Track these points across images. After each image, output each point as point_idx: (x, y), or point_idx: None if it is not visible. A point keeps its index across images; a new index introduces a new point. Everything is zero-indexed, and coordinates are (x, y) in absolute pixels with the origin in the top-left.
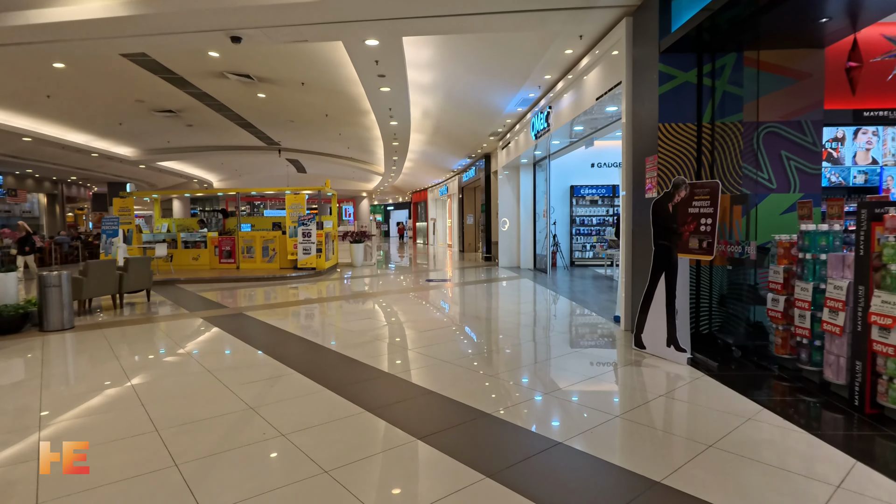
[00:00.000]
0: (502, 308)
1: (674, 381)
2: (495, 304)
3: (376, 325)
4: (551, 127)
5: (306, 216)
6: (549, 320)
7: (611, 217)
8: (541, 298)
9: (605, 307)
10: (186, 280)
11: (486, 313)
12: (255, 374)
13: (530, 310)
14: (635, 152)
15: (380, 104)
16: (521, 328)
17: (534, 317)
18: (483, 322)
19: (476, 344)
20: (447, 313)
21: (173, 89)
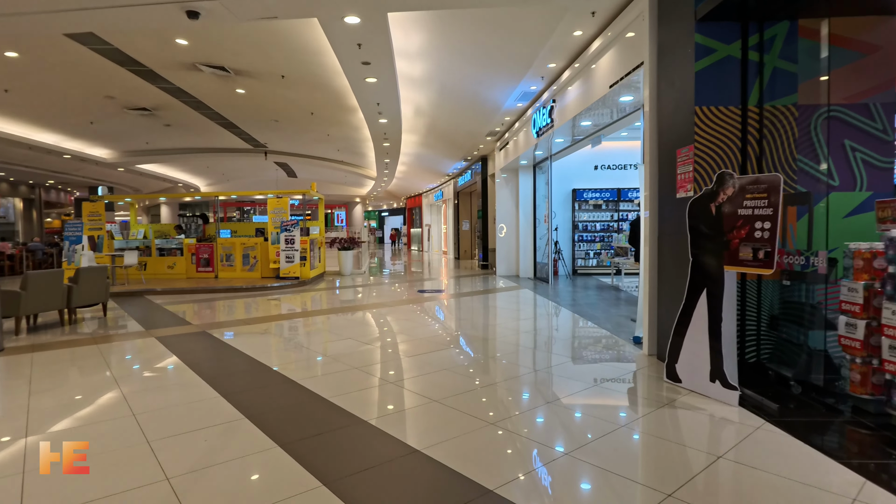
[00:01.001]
0: (502, 325)
1: (728, 432)
2: (494, 320)
3: (356, 349)
4: (555, 123)
5: (289, 222)
6: (556, 342)
7: (615, 223)
8: (545, 313)
9: (620, 324)
10: (157, 291)
11: (484, 331)
12: (194, 421)
13: (534, 327)
14: (662, 144)
15: (367, 98)
16: (524, 352)
17: (539, 337)
18: (480, 343)
19: (472, 374)
20: (439, 333)
21: (144, 84)
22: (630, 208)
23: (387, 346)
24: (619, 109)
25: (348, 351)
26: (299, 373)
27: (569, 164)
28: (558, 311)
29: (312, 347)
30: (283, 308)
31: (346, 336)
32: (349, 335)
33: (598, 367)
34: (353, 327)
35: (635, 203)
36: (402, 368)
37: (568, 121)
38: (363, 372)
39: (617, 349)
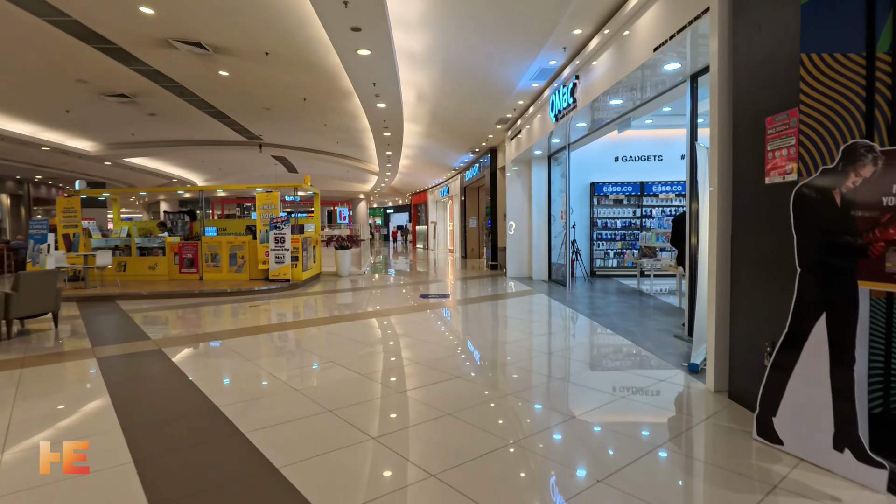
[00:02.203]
0: (517, 344)
1: None
2: (506, 335)
3: (334, 381)
4: (578, 103)
5: (279, 218)
6: (587, 370)
7: (638, 219)
8: (566, 326)
9: (663, 343)
10: (131, 295)
11: (495, 354)
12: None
13: (556, 347)
14: (740, 113)
15: (361, 78)
16: (548, 388)
17: (564, 363)
18: (491, 371)
19: (484, 428)
20: (441, 355)
21: (116, 65)
22: (654, 203)
23: (376, 375)
24: (660, 82)
25: (328, 384)
26: (256, 421)
27: (587, 156)
28: (582, 323)
29: (282, 378)
30: (264, 318)
31: (329, 359)
32: (333, 357)
33: (648, 412)
34: (338, 346)
35: (661, 198)
36: (394, 418)
37: (594, 100)
38: (338, 420)
39: (668, 381)
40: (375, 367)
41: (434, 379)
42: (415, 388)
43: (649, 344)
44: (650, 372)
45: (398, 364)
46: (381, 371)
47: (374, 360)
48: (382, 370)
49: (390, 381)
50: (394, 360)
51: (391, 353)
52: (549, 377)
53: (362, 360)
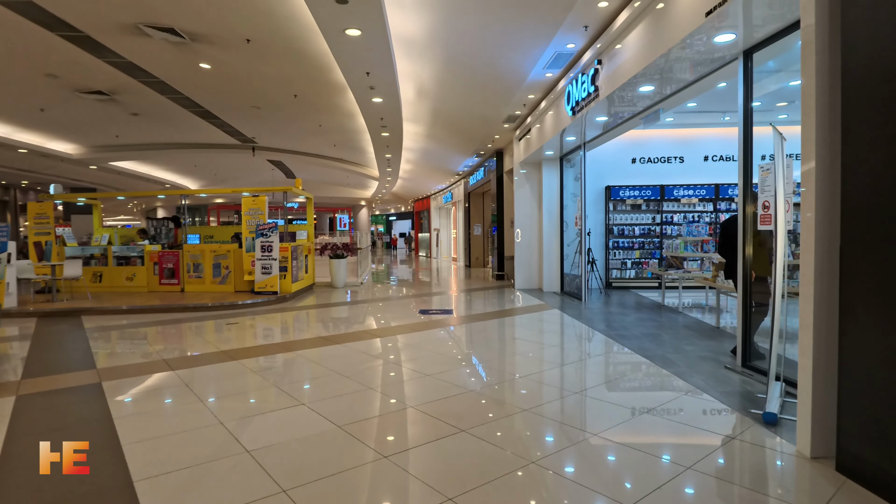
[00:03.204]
0: (533, 380)
1: None
2: (520, 366)
3: (300, 436)
4: (601, 92)
5: (266, 225)
6: (630, 416)
7: (658, 226)
8: (591, 351)
9: (712, 376)
10: (100, 310)
11: (506, 394)
12: None
13: (583, 384)
14: (854, 75)
15: (353, 66)
16: (582, 451)
17: (598, 409)
18: (504, 424)
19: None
20: (439, 394)
21: (87, 57)
22: (676, 208)
23: (356, 426)
24: (703, 62)
25: (291, 442)
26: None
27: (602, 157)
28: (609, 349)
29: (233, 430)
30: (237, 339)
31: (299, 399)
32: (305, 396)
33: (731, 499)
34: (313, 381)
35: (682, 203)
36: (386, 491)
37: (620, 87)
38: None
39: (741, 438)
40: (354, 414)
41: (431, 434)
42: (403, 449)
43: (698, 379)
44: (714, 422)
45: (384, 408)
46: (362, 420)
47: (354, 402)
48: (363, 418)
49: (371, 435)
50: (379, 404)
51: (376, 393)
52: (580, 432)
53: (339, 404)
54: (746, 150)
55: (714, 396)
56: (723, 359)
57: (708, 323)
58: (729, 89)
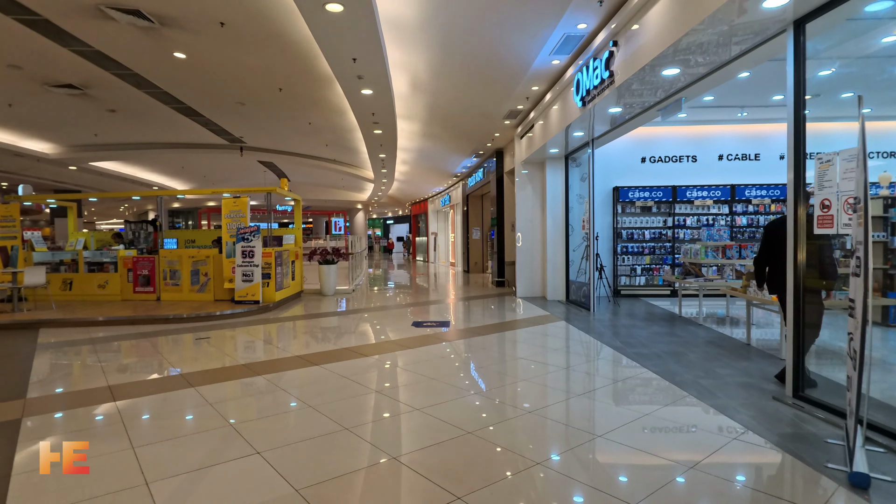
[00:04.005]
0: (547, 416)
1: None
2: (529, 396)
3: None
4: (616, 77)
5: (247, 229)
6: (672, 476)
7: (669, 229)
8: (608, 375)
9: (760, 409)
10: (62, 321)
11: (518, 438)
12: None
13: (605, 422)
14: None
15: (337, 49)
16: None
17: (630, 458)
18: (515, 481)
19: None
20: (436, 433)
21: (51, 45)
22: (689, 211)
23: (328, 493)
24: (743, 35)
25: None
26: None
27: (609, 156)
28: (630, 372)
29: (166, 501)
30: (202, 359)
31: (259, 446)
32: (267, 442)
33: None
34: (285, 417)
35: (696, 205)
36: None
37: (639, 70)
38: None
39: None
40: (320, 469)
41: (420, 497)
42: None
43: (746, 415)
44: (786, 486)
45: (360, 460)
46: (329, 479)
47: (323, 451)
48: (331, 476)
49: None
50: (354, 454)
51: (352, 437)
52: (611, 499)
53: (304, 453)
54: (798, 139)
55: (773, 442)
56: (767, 387)
57: (735, 339)
58: (751, 79)
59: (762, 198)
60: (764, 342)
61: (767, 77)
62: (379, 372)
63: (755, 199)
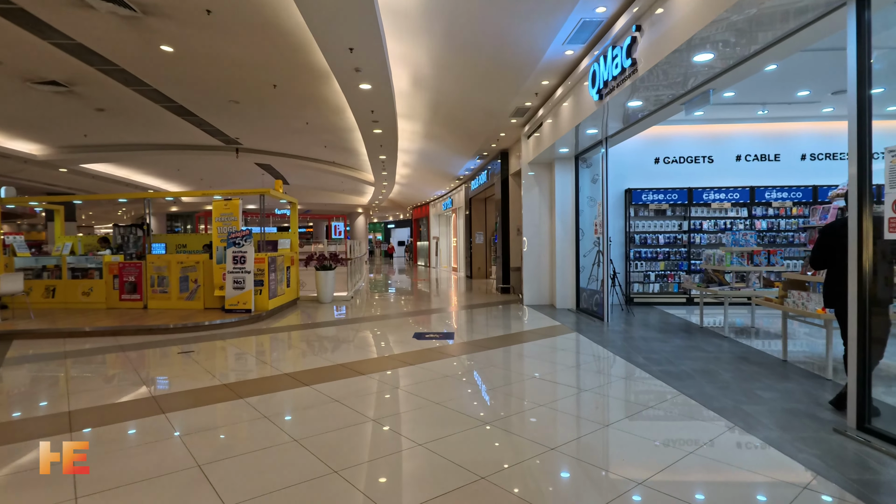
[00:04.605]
0: (569, 453)
1: None
2: (545, 426)
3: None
4: (639, 66)
5: (239, 233)
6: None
7: (685, 234)
8: (639, 401)
9: (823, 445)
10: (38, 332)
11: (535, 486)
12: None
13: (648, 462)
14: None
15: (330, 35)
16: None
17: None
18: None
19: None
20: (436, 481)
21: (30, 37)
22: (705, 214)
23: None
24: (793, 10)
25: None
26: None
27: (620, 157)
28: (660, 396)
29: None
30: (181, 376)
31: (235, 496)
32: (229, 498)
33: None
34: (257, 457)
35: (713, 208)
36: None
37: (668, 56)
38: None
39: None
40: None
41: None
42: None
43: (808, 454)
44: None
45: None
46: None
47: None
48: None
49: None
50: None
51: (334, 487)
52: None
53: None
54: (862, 131)
55: (852, 492)
56: (822, 414)
57: (768, 354)
58: (776, 74)
59: (783, 200)
60: (801, 358)
61: (794, 71)
62: (376, 394)
63: (776, 202)
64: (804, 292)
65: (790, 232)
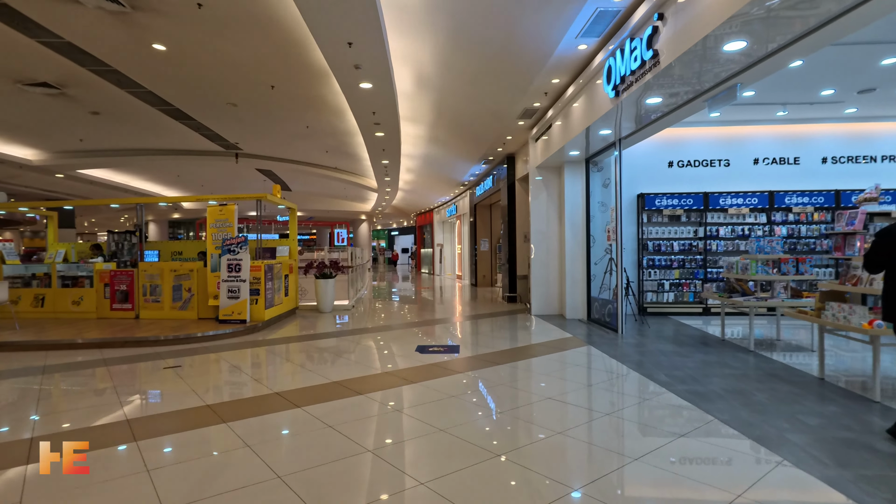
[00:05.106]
0: (595, 496)
1: None
2: (570, 458)
3: None
4: (662, 58)
5: (234, 240)
6: None
7: (701, 240)
8: (667, 429)
9: (891, 484)
10: (18, 344)
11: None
12: None
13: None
14: None
15: (327, 27)
16: None
17: None
18: None
19: None
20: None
21: (17, 36)
22: (722, 220)
23: None
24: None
25: None
26: None
27: (632, 161)
28: (691, 422)
29: None
30: (163, 395)
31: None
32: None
33: None
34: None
35: (730, 213)
36: None
37: (695, 45)
38: None
39: None
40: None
41: None
42: None
43: (878, 499)
44: None
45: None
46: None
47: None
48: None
49: None
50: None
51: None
52: None
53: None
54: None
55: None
56: (881, 446)
57: (801, 370)
58: (802, 69)
59: (804, 205)
60: (839, 375)
61: (821, 67)
62: (375, 418)
63: (796, 207)
64: (845, 304)
65: (811, 238)
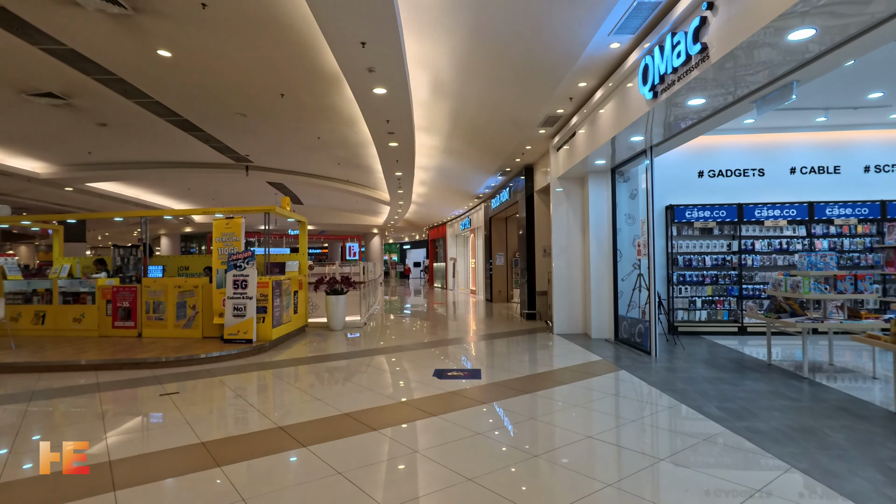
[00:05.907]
0: None
1: None
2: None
3: None
4: (712, 51)
5: (240, 255)
6: None
7: (734, 255)
8: (740, 480)
9: None
10: (11, 366)
11: None
12: None
13: None
14: None
15: (339, 27)
16: None
17: None
18: None
19: None
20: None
21: (18, 43)
22: (758, 233)
23: None
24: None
25: None
26: None
27: (660, 170)
28: (764, 470)
29: None
30: (154, 430)
31: None
32: None
33: None
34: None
35: (766, 226)
36: None
37: (754, 35)
38: None
39: None
40: None
41: None
42: None
43: None
44: None
45: None
46: None
47: None
48: None
49: None
50: None
51: None
52: None
53: None
54: None
55: None
56: None
57: (868, 402)
58: (848, 70)
59: (846, 217)
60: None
61: (871, 69)
62: (388, 462)
63: (838, 220)
64: None
65: (856, 252)
